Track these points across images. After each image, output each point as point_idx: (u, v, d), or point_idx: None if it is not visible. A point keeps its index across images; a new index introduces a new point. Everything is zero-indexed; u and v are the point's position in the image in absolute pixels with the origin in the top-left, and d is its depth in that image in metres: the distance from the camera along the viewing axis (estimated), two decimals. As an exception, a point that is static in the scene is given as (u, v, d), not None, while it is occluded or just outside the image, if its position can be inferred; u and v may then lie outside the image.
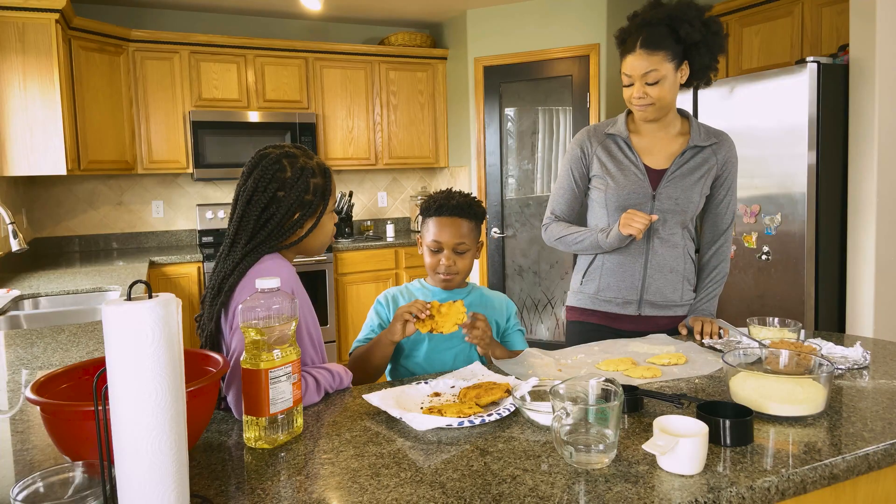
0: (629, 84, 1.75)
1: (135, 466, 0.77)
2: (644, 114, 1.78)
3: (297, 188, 1.36)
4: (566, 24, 4.33)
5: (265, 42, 4.36)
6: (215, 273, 1.36)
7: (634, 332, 1.85)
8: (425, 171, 5.39)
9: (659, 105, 1.75)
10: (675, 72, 1.73)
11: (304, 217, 1.38)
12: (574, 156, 1.91)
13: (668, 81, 1.72)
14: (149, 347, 0.76)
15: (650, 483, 0.93)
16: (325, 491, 0.93)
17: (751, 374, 1.19)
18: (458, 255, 1.69)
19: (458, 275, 1.71)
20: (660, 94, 1.72)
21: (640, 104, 1.75)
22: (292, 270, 1.36)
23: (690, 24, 1.68)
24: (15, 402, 1.37)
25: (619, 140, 1.85)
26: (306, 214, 1.38)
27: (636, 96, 1.74)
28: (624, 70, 1.76)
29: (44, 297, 2.78)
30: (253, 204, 1.35)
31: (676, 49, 1.71)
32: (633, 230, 1.69)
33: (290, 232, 1.38)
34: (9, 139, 3.21)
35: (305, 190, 1.37)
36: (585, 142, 1.90)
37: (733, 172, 1.86)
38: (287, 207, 1.36)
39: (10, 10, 3.16)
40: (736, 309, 3.21)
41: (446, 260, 1.68)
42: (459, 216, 1.68)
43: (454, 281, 1.73)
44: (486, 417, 1.17)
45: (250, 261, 1.33)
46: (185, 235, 4.62)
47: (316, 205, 1.39)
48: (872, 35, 2.79)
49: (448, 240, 1.68)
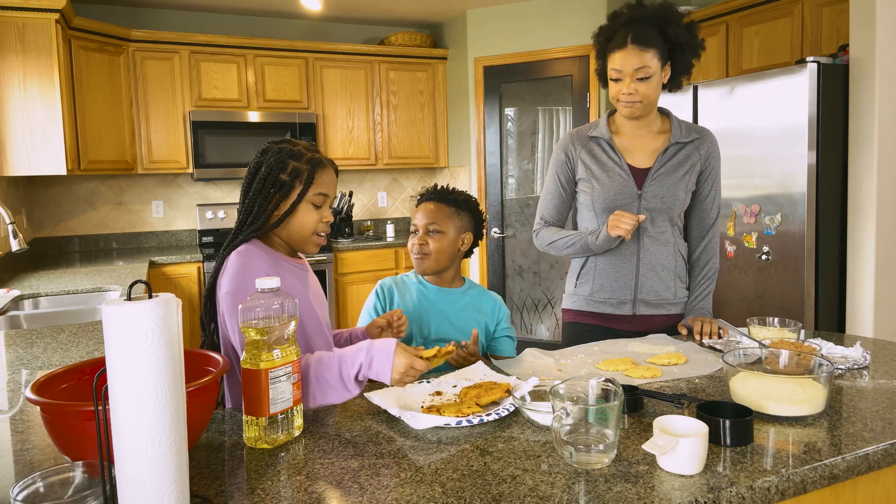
0: (617, 79, 1.76)
1: (135, 466, 0.77)
2: (631, 110, 1.78)
3: (274, 167, 1.37)
4: (566, 24, 4.33)
5: (265, 42, 4.36)
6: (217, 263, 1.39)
7: (630, 332, 1.85)
8: (425, 171, 5.39)
9: (646, 103, 1.76)
10: (661, 71, 1.76)
11: (280, 198, 1.37)
12: (559, 160, 1.93)
13: (656, 79, 1.75)
14: (149, 347, 0.76)
15: (650, 483, 0.93)
16: (325, 491, 0.93)
17: (751, 374, 1.19)
18: (430, 235, 1.73)
19: (429, 255, 1.73)
20: (647, 91, 1.74)
21: (629, 101, 1.76)
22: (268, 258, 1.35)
23: (677, 24, 1.72)
24: (15, 402, 1.37)
25: (602, 142, 1.87)
26: (281, 196, 1.37)
27: (625, 92, 1.74)
28: (613, 65, 1.75)
29: (44, 297, 2.78)
30: (244, 189, 1.40)
31: (664, 48, 1.74)
32: (621, 231, 1.70)
33: (265, 211, 1.37)
34: (9, 139, 3.21)
35: (282, 169, 1.37)
36: (569, 146, 1.91)
37: (716, 167, 1.88)
38: (262, 183, 1.37)
39: (10, 10, 3.16)
40: (736, 309, 3.21)
41: (418, 240, 1.74)
42: (437, 200, 1.77)
43: (426, 263, 1.74)
44: (485, 417, 1.17)
45: (232, 247, 1.35)
46: (185, 235, 4.62)
47: (289, 186, 1.37)
48: (872, 35, 2.79)
49: (420, 221, 1.75)
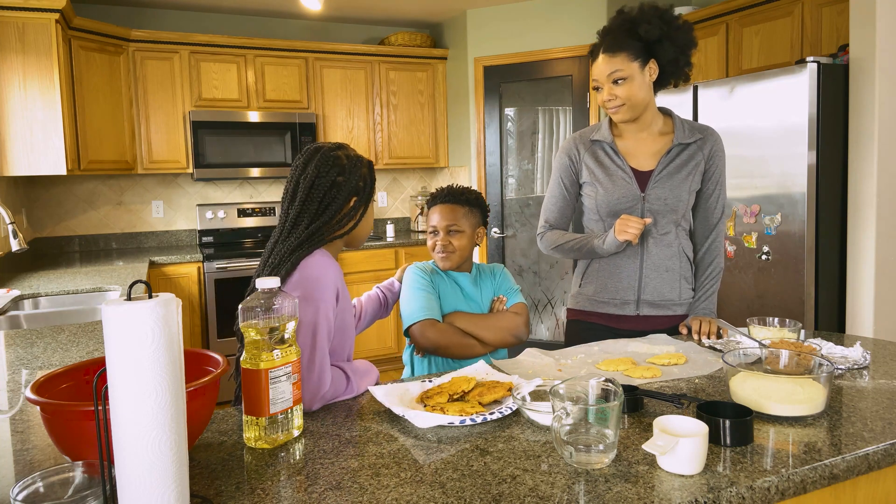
0: (597, 88, 1.82)
1: (135, 466, 0.77)
2: (618, 115, 1.81)
3: (353, 174, 1.44)
4: (566, 24, 4.33)
5: (265, 42, 4.36)
6: (273, 255, 1.39)
7: (635, 333, 1.85)
8: (425, 171, 5.39)
9: (630, 105, 1.78)
10: (642, 70, 1.77)
11: (360, 203, 1.46)
12: (563, 164, 1.94)
13: (636, 81, 1.76)
14: (149, 347, 0.76)
15: (650, 483, 0.93)
16: (325, 491, 0.93)
17: (751, 374, 1.19)
18: (452, 234, 1.86)
19: (454, 253, 1.86)
20: (628, 93, 1.76)
21: (612, 106, 1.80)
22: (338, 268, 1.40)
23: (648, 21, 1.74)
24: (15, 402, 1.37)
25: (605, 145, 1.88)
26: (361, 200, 1.46)
27: (606, 99, 1.80)
28: (592, 76, 1.83)
29: (44, 297, 2.78)
30: (316, 187, 1.41)
31: (638, 47, 1.75)
32: (628, 236, 1.72)
33: (347, 218, 1.44)
34: (9, 139, 3.21)
35: (360, 177, 1.45)
36: (573, 150, 1.93)
37: (721, 166, 1.88)
38: (346, 192, 1.43)
39: (10, 10, 3.16)
40: (736, 309, 3.21)
41: (441, 240, 1.86)
42: (452, 202, 1.89)
43: (452, 259, 1.87)
44: (488, 416, 1.17)
45: (304, 252, 1.36)
46: (185, 235, 4.62)
47: (368, 192, 1.48)
48: (872, 35, 2.79)
49: (440, 222, 1.87)
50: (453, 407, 1.20)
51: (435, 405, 1.22)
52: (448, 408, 1.20)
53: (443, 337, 1.75)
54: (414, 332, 1.76)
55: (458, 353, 1.77)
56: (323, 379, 1.28)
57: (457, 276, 1.90)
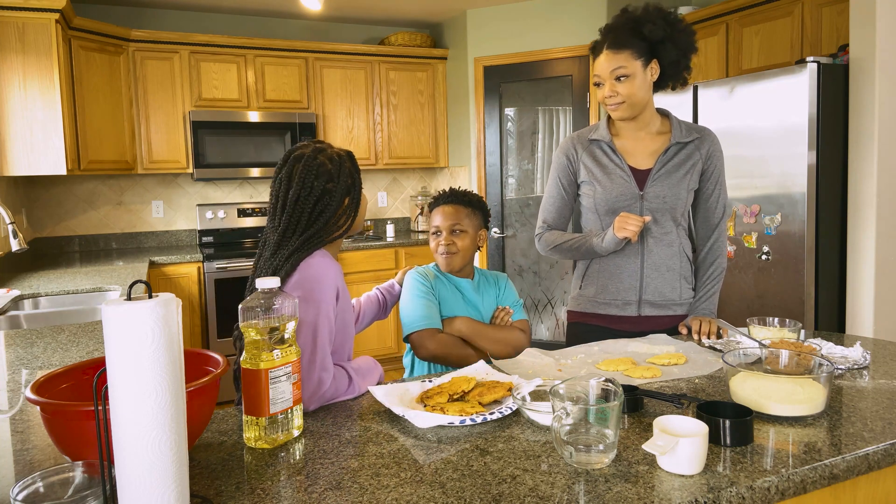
0: (598, 83, 1.82)
1: (135, 466, 0.77)
2: (618, 112, 1.81)
3: (342, 176, 1.44)
4: (566, 24, 4.33)
5: (265, 42, 4.36)
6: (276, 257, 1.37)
7: (636, 334, 1.85)
8: (425, 171, 5.39)
9: (630, 103, 1.78)
10: (644, 69, 1.77)
11: (353, 201, 1.47)
12: (560, 164, 1.94)
13: (638, 79, 1.76)
14: (149, 347, 0.76)
15: (650, 483, 0.93)
16: (325, 491, 0.93)
17: (751, 374, 1.19)
18: (455, 235, 1.88)
19: (457, 253, 1.88)
20: (629, 91, 1.76)
21: (612, 103, 1.80)
22: (339, 268, 1.41)
23: (653, 22, 1.74)
24: (15, 402, 1.37)
25: (603, 144, 1.88)
26: (353, 196, 1.47)
27: (607, 95, 1.79)
28: (594, 72, 1.82)
29: (44, 296, 2.78)
30: (303, 200, 1.40)
31: (642, 46, 1.76)
32: (628, 233, 1.72)
33: (345, 217, 1.45)
34: (9, 139, 3.21)
35: (347, 175, 1.46)
36: (571, 149, 1.93)
37: (719, 165, 1.88)
38: (339, 196, 1.43)
39: (10, 10, 3.16)
40: (736, 309, 3.21)
41: (445, 240, 1.88)
42: (454, 203, 1.91)
43: (455, 260, 1.88)
44: (488, 416, 1.17)
45: (303, 254, 1.36)
46: (185, 235, 4.62)
47: (357, 185, 1.49)
48: (872, 35, 2.79)
49: (443, 222, 1.89)
50: (453, 407, 1.20)
51: (435, 405, 1.22)
52: (448, 408, 1.20)
53: (441, 348, 1.77)
54: (413, 341, 1.79)
55: (455, 363, 1.78)
56: (323, 379, 1.28)
57: (458, 282, 1.90)
